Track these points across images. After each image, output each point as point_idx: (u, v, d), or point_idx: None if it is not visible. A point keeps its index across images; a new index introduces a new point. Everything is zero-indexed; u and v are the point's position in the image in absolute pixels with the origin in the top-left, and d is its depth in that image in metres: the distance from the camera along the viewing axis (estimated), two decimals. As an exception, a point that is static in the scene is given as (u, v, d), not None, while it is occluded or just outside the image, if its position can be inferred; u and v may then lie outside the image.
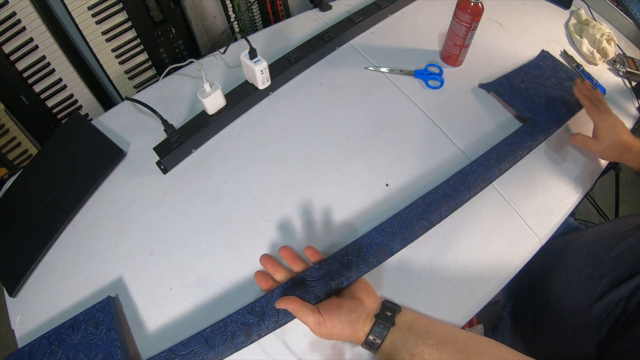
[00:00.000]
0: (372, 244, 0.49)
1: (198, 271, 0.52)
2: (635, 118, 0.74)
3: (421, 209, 0.53)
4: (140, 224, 0.56)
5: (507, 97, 0.68)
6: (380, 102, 0.69)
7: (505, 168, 0.59)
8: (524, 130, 0.63)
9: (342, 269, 0.47)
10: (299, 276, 0.46)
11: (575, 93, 0.64)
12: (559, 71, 0.74)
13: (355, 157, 0.62)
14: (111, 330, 0.45)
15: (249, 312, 0.44)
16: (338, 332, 0.41)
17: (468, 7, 0.65)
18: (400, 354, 0.40)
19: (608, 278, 0.51)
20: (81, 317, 0.46)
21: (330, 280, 0.46)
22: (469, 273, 0.53)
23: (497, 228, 0.56)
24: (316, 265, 0.47)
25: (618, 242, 0.53)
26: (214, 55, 0.76)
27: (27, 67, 0.68)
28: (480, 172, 0.57)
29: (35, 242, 0.55)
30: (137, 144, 0.64)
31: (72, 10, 0.66)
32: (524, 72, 0.73)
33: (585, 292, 0.52)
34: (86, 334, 0.45)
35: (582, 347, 0.50)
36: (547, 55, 0.77)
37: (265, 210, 0.57)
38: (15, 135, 0.75)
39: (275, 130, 0.65)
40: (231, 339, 0.43)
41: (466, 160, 0.62)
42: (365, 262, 0.48)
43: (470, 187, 0.55)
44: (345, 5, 0.86)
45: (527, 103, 0.67)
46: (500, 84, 0.71)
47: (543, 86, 0.71)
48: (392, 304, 0.44)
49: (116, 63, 0.76)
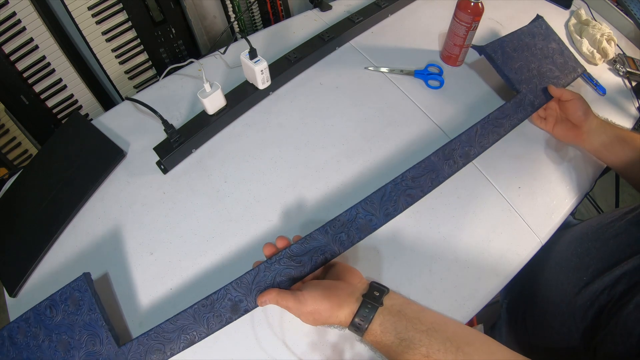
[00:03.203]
0: (356, 219, 0.48)
1: (198, 271, 0.52)
2: (635, 118, 0.74)
3: (405, 183, 0.51)
4: (140, 224, 0.56)
5: (498, 63, 0.66)
6: (380, 102, 0.69)
7: (489, 144, 0.57)
8: (510, 106, 0.61)
9: (328, 243, 0.46)
10: (284, 251, 0.45)
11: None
12: (550, 41, 0.72)
13: (356, 157, 0.62)
14: (92, 311, 0.43)
15: (235, 288, 0.43)
16: (321, 310, 0.39)
17: (468, 7, 0.65)
18: (389, 337, 0.38)
19: (593, 267, 0.51)
20: (57, 296, 0.44)
21: (314, 255, 0.45)
22: (469, 273, 0.53)
23: (497, 228, 0.56)
24: (300, 240, 0.45)
25: (604, 232, 0.54)
26: (214, 55, 0.76)
27: (27, 67, 0.68)
28: (464, 148, 0.56)
29: (35, 242, 0.55)
30: (137, 144, 0.64)
31: (72, 10, 0.66)
32: (517, 39, 0.70)
33: (572, 283, 0.52)
34: (66, 314, 0.43)
35: (568, 337, 0.50)
36: (541, 22, 0.75)
37: (265, 210, 0.57)
38: (15, 135, 0.75)
39: (275, 130, 0.65)
40: (219, 314, 0.42)
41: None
42: (349, 237, 0.46)
43: (455, 163, 0.54)
44: (345, 5, 0.86)
45: (515, 74, 0.65)
46: (494, 48, 0.67)
47: (534, 57, 0.69)
48: (380, 285, 0.43)
49: (116, 63, 0.76)
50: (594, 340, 0.46)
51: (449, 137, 0.65)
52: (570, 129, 0.62)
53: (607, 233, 0.53)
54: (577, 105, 0.60)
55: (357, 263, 0.52)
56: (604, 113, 0.67)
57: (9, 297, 0.52)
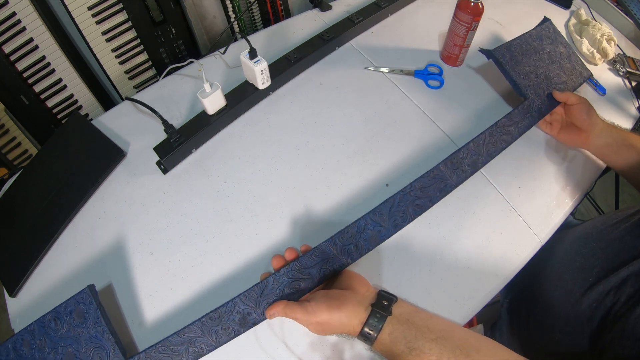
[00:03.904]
0: (365, 230, 0.48)
1: (198, 271, 0.52)
2: (635, 118, 0.74)
3: (413, 193, 0.51)
4: (140, 224, 0.56)
5: (506, 68, 0.65)
6: (380, 102, 0.69)
7: (497, 152, 0.57)
8: (517, 113, 0.61)
9: (337, 255, 0.46)
10: (292, 263, 0.45)
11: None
12: (558, 45, 0.71)
13: (356, 157, 0.62)
14: (98, 323, 0.43)
15: (243, 301, 0.43)
16: (330, 321, 0.39)
17: (468, 7, 0.65)
18: (399, 347, 0.38)
19: (598, 268, 0.51)
20: (62, 309, 0.44)
21: (323, 267, 0.45)
22: (469, 273, 0.53)
23: (497, 228, 0.56)
24: (309, 253, 0.46)
25: (609, 233, 0.53)
26: (214, 55, 0.76)
27: (27, 67, 0.68)
28: (472, 157, 0.55)
29: (35, 242, 0.55)
30: (137, 144, 0.64)
31: (72, 10, 0.66)
32: (525, 42, 0.69)
33: (577, 283, 0.52)
34: (71, 326, 0.43)
35: (574, 338, 0.50)
36: (549, 24, 0.74)
37: (265, 210, 0.57)
38: (15, 135, 0.75)
39: (275, 131, 0.65)
40: (227, 327, 0.42)
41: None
42: (357, 249, 0.47)
43: (463, 172, 0.54)
44: (345, 5, 0.86)
45: (523, 80, 0.64)
46: (502, 52, 0.66)
47: (541, 61, 0.68)
48: (388, 294, 0.43)
49: (116, 63, 0.76)
50: (599, 342, 0.46)
51: (449, 137, 0.65)
52: (575, 133, 0.62)
53: (612, 234, 0.53)
54: (582, 109, 0.60)
55: (358, 263, 0.52)
56: (604, 113, 0.67)
57: (8, 297, 0.52)
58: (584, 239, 0.57)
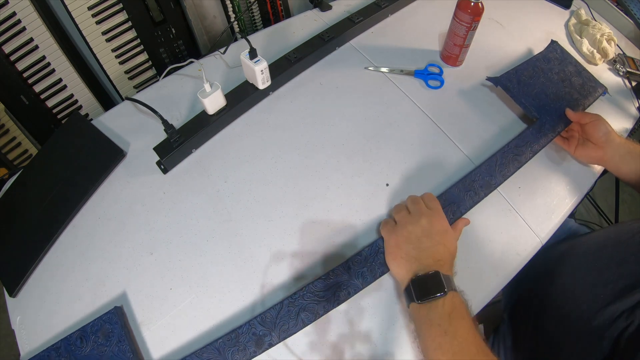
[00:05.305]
0: (378, 253, 0.50)
1: (198, 271, 0.52)
2: (635, 118, 0.74)
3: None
4: (140, 224, 0.56)
5: (514, 92, 0.66)
6: (380, 102, 0.69)
7: (510, 173, 0.58)
8: (530, 133, 0.62)
9: (350, 279, 0.48)
10: (307, 286, 0.47)
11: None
12: (567, 64, 0.72)
13: (356, 157, 0.62)
14: (122, 342, 0.44)
15: (260, 323, 0.45)
16: (452, 239, 0.48)
17: (468, 7, 0.65)
18: (424, 326, 0.42)
19: (613, 285, 0.50)
20: (89, 328, 0.45)
21: (337, 291, 0.47)
22: (469, 273, 0.53)
23: (497, 228, 0.56)
24: (323, 276, 0.48)
25: (624, 249, 0.53)
26: (214, 55, 0.76)
27: (27, 67, 0.68)
28: (485, 179, 0.56)
29: (35, 242, 0.55)
30: (137, 144, 0.64)
31: (72, 10, 0.66)
32: (532, 66, 0.70)
33: (590, 299, 0.51)
34: (96, 345, 0.44)
35: (583, 355, 0.50)
36: (556, 46, 0.74)
37: (265, 210, 0.57)
38: (15, 135, 0.75)
39: (276, 130, 0.65)
40: (243, 349, 0.44)
41: (467, 160, 0.62)
42: (371, 272, 0.49)
43: (476, 194, 0.55)
44: (345, 5, 0.86)
45: (533, 101, 0.65)
46: (509, 78, 0.67)
47: (550, 82, 0.68)
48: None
49: (116, 63, 0.76)
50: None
51: (449, 137, 0.65)
52: (592, 149, 0.61)
53: (628, 248, 0.52)
54: (597, 126, 0.59)
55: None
56: (604, 113, 0.67)
57: (8, 297, 0.52)
58: (596, 252, 0.56)
